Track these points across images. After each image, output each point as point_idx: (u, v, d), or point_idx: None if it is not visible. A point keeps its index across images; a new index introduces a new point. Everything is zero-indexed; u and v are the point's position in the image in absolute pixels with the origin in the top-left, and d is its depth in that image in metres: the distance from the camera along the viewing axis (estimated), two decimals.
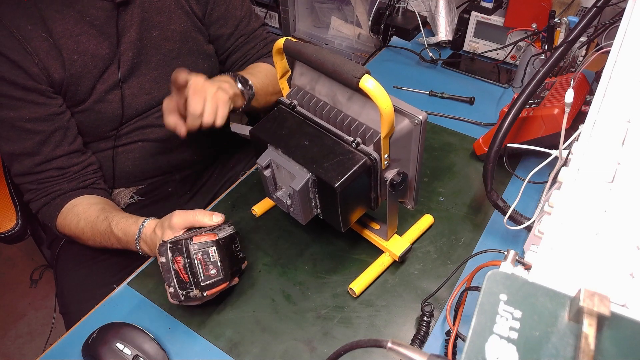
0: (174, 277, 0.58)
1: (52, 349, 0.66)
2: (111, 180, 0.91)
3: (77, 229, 0.78)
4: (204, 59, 0.91)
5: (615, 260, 0.35)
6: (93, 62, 0.78)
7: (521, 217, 0.68)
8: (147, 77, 0.84)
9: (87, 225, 0.77)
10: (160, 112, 0.88)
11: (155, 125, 0.88)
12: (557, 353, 0.27)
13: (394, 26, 1.28)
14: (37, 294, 1.64)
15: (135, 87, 0.83)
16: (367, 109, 0.57)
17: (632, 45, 0.52)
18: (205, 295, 0.59)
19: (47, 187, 0.80)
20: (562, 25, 0.93)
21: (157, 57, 0.84)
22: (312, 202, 0.62)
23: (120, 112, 0.83)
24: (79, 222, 0.78)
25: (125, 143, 0.88)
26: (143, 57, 0.83)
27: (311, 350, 0.63)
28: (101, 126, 0.83)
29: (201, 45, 0.90)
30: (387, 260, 0.71)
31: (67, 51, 0.75)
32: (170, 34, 0.85)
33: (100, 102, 0.80)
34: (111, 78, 0.80)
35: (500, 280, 0.31)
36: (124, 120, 0.84)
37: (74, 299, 0.88)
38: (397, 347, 0.37)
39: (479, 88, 1.09)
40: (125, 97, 0.82)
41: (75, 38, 0.75)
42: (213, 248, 0.60)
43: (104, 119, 0.82)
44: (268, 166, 0.63)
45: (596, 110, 0.47)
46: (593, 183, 0.40)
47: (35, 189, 0.80)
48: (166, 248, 0.59)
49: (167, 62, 0.86)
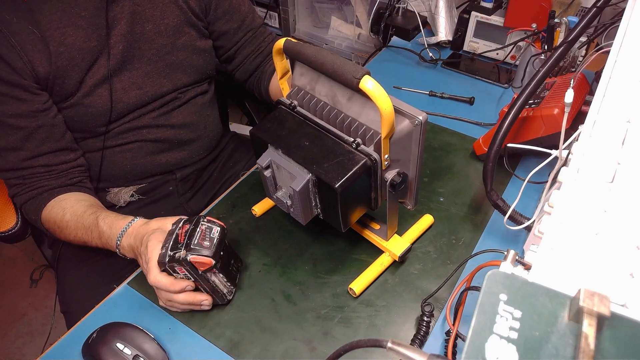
0: (172, 240, 0.62)
1: (52, 349, 0.66)
2: (105, 178, 0.90)
3: (62, 221, 0.77)
4: (197, 54, 0.90)
5: (615, 260, 0.35)
6: (80, 55, 0.76)
7: (521, 217, 0.68)
8: (139, 72, 0.83)
9: (73, 218, 0.76)
10: (156, 112, 0.88)
11: (151, 126, 0.88)
12: (557, 353, 0.27)
13: (394, 26, 1.28)
14: (37, 294, 1.64)
15: (126, 81, 0.82)
16: (367, 110, 0.57)
17: (632, 45, 0.52)
18: (187, 260, 0.59)
19: (33, 182, 0.79)
20: (562, 25, 0.93)
21: (150, 51, 0.83)
22: (312, 203, 0.62)
23: (109, 107, 0.81)
24: (65, 215, 0.77)
25: (123, 143, 0.87)
26: (135, 51, 0.82)
27: (311, 350, 0.63)
28: (90, 121, 0.82)
29: (194, 40, 0.88)
30: (387, 260, 0.71)
31: (54, 43, 0.74)
32: (164, 28, 0.83)
33: (89, 96, 0.79)
34: (100, 71, 0.79)
35: (500, 280, 0.31)
36: (114, 115, 0.83)
37: (75, 298, 0.88)
38: (397, 347, 0.37)
39: (479, 88, 1.09)
40: (116, 91, 0.81)
41: (62, 30, 0.74)
42: (217, 229, 0.63)
43: (93, 113, 0.81)
44: (268, 166, 0.63)
45: (596, 110, 0.47)
46: (593, 183, 0.40)
47: (21, 183, 0.79)
48: (181, 219, 0.65)
49: (160, 57, 0.85)
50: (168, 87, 0.87)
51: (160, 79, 0.86)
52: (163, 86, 0.87)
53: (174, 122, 0.90)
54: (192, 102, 0.93)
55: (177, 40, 0.86)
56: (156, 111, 0.88)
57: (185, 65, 0.88)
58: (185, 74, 0.89)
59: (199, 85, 0.94)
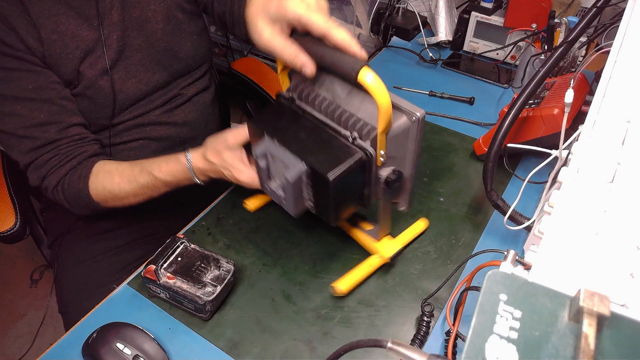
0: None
1: (52, 349, 0.66)
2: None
3: (113, 185, 0.76)
4: (187, 37, 0.88)
5: (615, 260, 0.35)
6: (74, 43, 0.75)
7: (521, 217, 0.68)
8: (132, 60, 0.82)
9: (124, 180, 0.75)
10: (160, 109, 0.88)
11: (155, 123, 0.88)
12: (557, 353, 0.27)
13: (394, 26, 1.28)
14: (37, 294, 1.64)
15: (122, 71, 0.81)
16: (366, 104, 0.57)
17: (632, 45, 0.52)
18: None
19: (70, 151, 0.77)
20: (562, 25, 0.93)
21: (140, 38, 0.82)
22: (305, 195, 0.62)
23: (112, 98, 0.81)
24: (114, 178, 0.76)
25: (127, 140, 0.87)
26: (127, 39, 0.81)
27: (311, 350, 0.63)
28: (94, 112, 0.81)
29: (184, 23, 0.87)
30: (377, 261, 0.70)
31: (46, 31, 0.73)
32: (152, 14, 0.82)
33: (91, 88, 0.78)
34: (99, 62, 0.78)
35: (500, 280, 0.31)
36: (118, 106, 0.82)
37: (73, 298, 0.88)
38: (397, 347, 0.37)
39: (479, 88, 1.09)
40: (115, 81, 0.80)
41: (53, 18, 0.73)
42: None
43: (97, 104, 0.80)
44: (264, 156, 0.62)
45: (596, 110, 0.47)
46: (593, 183, 0.40)
47: (56, 157, 0.76)
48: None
49: (151, 44, 0.83)
50: (164, 75, 0.87)
51: (153, 66, 0.85)
52: (157, 72, 0.85)
53: (176, 120, 0.91)
54: (194, 100, 0.93)
55: (166, 26, 0.85)
56: (159, 109, 0.88)
57: (176, 51, 0.87)
58: (178, 60, 0.88)
59: (199, 79, 0.94)
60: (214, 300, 0.64)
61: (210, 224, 0.81)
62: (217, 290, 0.64)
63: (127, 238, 0.94)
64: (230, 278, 0.66)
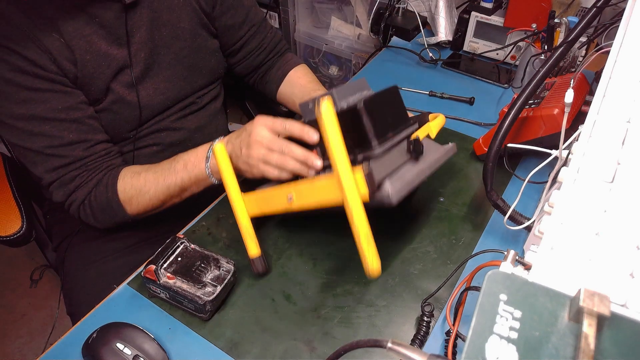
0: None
1: (52, 349, 0.66)
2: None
3: (139, 181, 0.76)
4: (211, 54, 0.91)
5: (615, 260, 0.35)
6: (105, 62, 0.77)
7: (521, 217, 0.68)
8: (160, 78, 0.84)
9: (149, 174, 0.76)
10: (176, 115, 0.90)
11: (170, 129, 0.89)
12: (557, 353, 0.27)
13: (394, 26, 1.28)
14: (37, 294, 1.64)
15: (150, 89, 0.83)
16: None
17: (632, 45, 0.52)
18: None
19: (98, 165, 0.78)
20: (562, 25, 0.93)
21: (169, 56, 0.84)
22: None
23: (138, 113, 0.83)
24: (140, 175, 0.77)
25: (142, 146, 0.88)
26: (155, 57, 0.83)
27: (311, 350, 0.63)
28: (118, 127, 0.83)
29: (207, 40, 0.90)
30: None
31: (80, 51, 0.74)
32: (181, 32, 0.84)
33: (117, 103, 0.80)
34: (125, 79, 0.80)
35: (500, 280, 0.31)
36: (143, 121, 0.84)
37: (83, 300, 0.88)
38: (397, 347, 0.37)
39: (479, 88, 1.09)
40: (141, 98, 0.82)
41: (86, 38, 0.75)
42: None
43: (121, 119, 0.82)
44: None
45: (596, 110, 0.47)
46: (593, 183, 0.41)
47: (84, 172, 0.77)
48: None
49: (178, 61, 0.86)
50: (187, 90, 0.89)
51: (180, 82, 0.87)
52: (182, 89, 0.88)
53: (189, 126, 0.92)
54: (207, 107, 0.95)
55: (193, 43, 0.87)
56: (175, 115, 0.90)
57: (201, 67, 0.90)
58: (202, 75, 0.91)
59: (214, 89, 0.96)
60: (214, 300, 0.64)
61: (210, 224, 0.81)
62: (217, 290, 0.64)
63: (134, 239, 0.94)
64: (230, 278, 0.66)
